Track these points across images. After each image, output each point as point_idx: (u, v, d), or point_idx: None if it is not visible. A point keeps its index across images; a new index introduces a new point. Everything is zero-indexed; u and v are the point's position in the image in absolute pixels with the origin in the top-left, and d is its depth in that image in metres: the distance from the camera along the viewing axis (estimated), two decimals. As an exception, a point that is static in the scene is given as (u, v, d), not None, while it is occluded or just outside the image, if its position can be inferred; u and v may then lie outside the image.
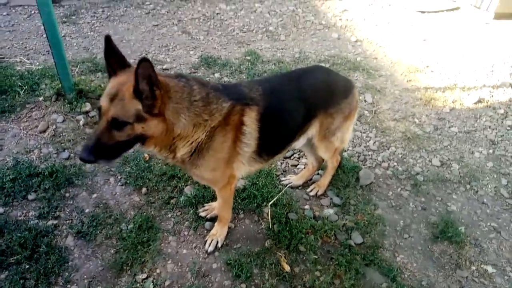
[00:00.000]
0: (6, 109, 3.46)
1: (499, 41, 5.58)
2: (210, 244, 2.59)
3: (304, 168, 3.29)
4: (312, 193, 3.12)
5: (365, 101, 4.28)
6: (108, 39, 1.80)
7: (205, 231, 2.72)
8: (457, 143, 3.85)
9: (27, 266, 2.35)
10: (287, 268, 2.52)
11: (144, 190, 2.97)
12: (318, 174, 3.27)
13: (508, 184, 3.44)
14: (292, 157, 3.50)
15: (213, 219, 2.75)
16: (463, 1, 6.57)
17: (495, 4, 6.06)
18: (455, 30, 5.94)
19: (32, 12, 5.40)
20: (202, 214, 2.82)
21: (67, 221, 2.68)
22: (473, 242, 2.89)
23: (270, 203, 2.91)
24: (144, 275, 2.40)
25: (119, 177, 3.07)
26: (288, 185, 3.14)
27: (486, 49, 5.39)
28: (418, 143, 3.79)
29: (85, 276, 2.37)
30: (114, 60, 1.84)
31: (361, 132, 3.86)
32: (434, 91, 4.60)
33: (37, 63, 4.33)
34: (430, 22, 6.18)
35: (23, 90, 3.68)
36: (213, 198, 2.92)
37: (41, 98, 3.61)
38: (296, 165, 3.42)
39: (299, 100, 2.35)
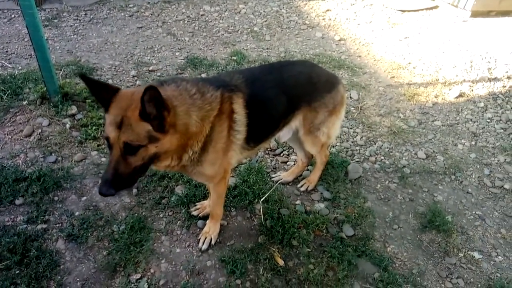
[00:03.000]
0: (-11, 114, 3.39)
1: (477, 38, 5.76)
2: (203, 242, 2.59)
3: (294, 164, 3.33)
4: (302, 189, 3.16)
5: (351, 97, 4.36)
6: (83, 77, 1.73)
7: (198, 230, 2.72)
8: (440, 136, 3.96)
9: (18, 271, 2.30)
10: (281, 262, 2.54)
11: (134, 191, 2.95)
12: (308, 170, 3.31)
13: (491, 173, 3.56)
14: (281, 154, 3.54)
15: (205, 218, 2.75)
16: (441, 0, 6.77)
17: (471, 3, 6.26)
18: (434, 28, 6.10)
19: (12, 16, 5.29)
20: (194, 213, 2.82)
21: (57, 225, 2.63)
22: (459, 230, 2.98)
23: (262, 199, 2.94)
24: (138, 275, 2.38)
25: (109, 179, 3.03)
26: (278, 182, 3.17)
27: (464, 45, 5.56)
28: (404, 137, 3.88)
29: (77, 279, 2.34)
30: (101, 91, 1.76)
31: (348, 127, 3.92)
32: (416, 86, 4.72)
33: (20, 67, 4.24)
34: (410, 20, 6.33)
35: (6, 95, 3.61)
36: (204, 197, 2.93)
37: (25, 102, 3.55)
38: (286, 162, 3.46)
39: (280, 89, 2.39)
